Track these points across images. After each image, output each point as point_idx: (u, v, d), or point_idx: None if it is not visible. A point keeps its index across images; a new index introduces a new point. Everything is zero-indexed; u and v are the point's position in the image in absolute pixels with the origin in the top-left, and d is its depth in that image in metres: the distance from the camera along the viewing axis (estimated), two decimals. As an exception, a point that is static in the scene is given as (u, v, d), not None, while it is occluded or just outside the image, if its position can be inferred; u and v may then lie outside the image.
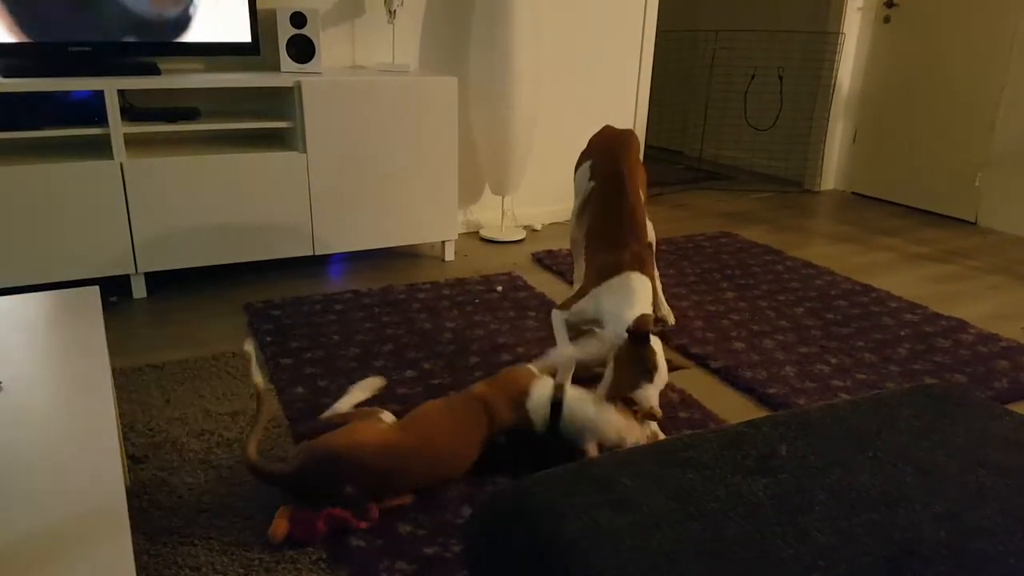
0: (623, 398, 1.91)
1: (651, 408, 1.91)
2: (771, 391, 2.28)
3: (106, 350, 1.37)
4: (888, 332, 2.72)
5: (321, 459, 1.64)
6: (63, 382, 1.27)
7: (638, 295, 2.14)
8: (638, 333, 1.98)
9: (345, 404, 1.96)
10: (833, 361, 2.49)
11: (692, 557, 0.93)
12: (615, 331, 2.07)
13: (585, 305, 2.22)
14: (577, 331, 2.27)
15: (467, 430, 1.78)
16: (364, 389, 2.03)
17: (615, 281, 2.17)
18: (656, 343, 2.01)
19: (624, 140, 2.51)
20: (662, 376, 1.98)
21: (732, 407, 2.21)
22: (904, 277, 3.33)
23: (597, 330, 2.15)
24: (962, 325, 2.79)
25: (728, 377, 2.38)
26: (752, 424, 1.26)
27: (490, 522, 1.08)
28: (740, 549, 0.95)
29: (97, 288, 1.64)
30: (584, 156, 2.59)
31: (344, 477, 1.64)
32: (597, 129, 4.00)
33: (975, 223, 4.17)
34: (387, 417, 1.80)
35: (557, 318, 2.27)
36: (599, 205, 2.37)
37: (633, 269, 2.19)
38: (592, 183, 2.44)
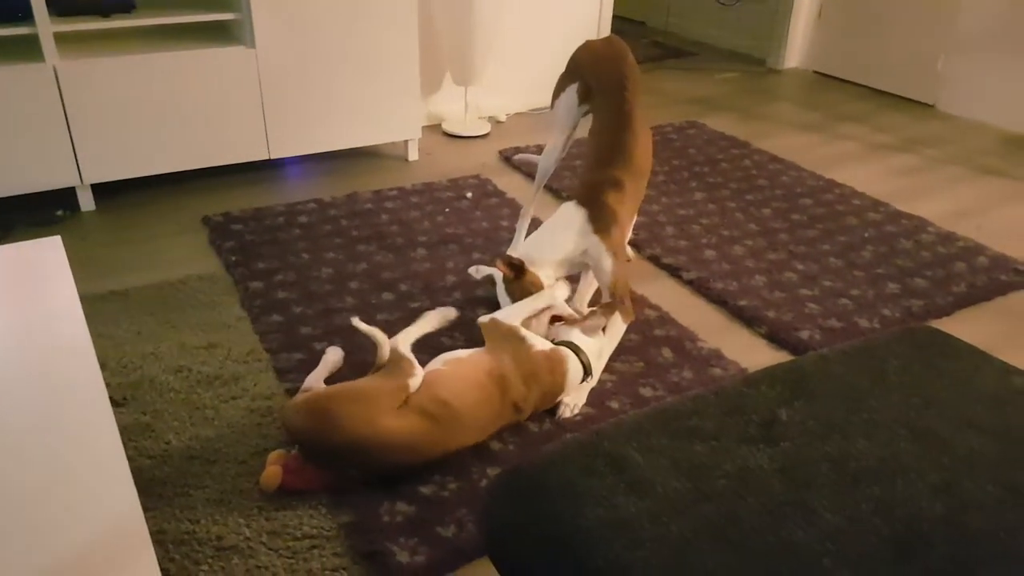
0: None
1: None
2: (742, 304, 2.33)
3: (84, 321, 1.30)
4: (852, 234, 2.77)
5: (330, 441, 1.55)
6: (46, 379, 1.21)
7: (537, 234, 2.10)
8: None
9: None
10: (800, 268, 2.54)
11: (709, 544, 0.97)
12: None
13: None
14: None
15: (493, 416, 1.71)
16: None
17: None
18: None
19: (620, 54, 2.21)
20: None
21: (707, 322, 2.25)
22: (867, 170, 3.35)
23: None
24: (922, 224, 2.86)
25: (701, 289, 2.41)
26: (751, 383, 1.28)
27: (507, 502, 1.09)
28: (754, 533, 0.99)
29: (59, 239, 1.53)
30: (567, 77, 2.31)
31: (352, 464, 1.60)
32: (565, 8, 3.79)
33: (934, 107, 4.19)
34: (415, 381, 1.66)
35: None
36: (597, 126, 2.18)
37: (575, 197, 2.08)
38: (586, 107, 2.25)
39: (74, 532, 0.92)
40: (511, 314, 1.90)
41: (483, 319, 1.88)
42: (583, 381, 1.86)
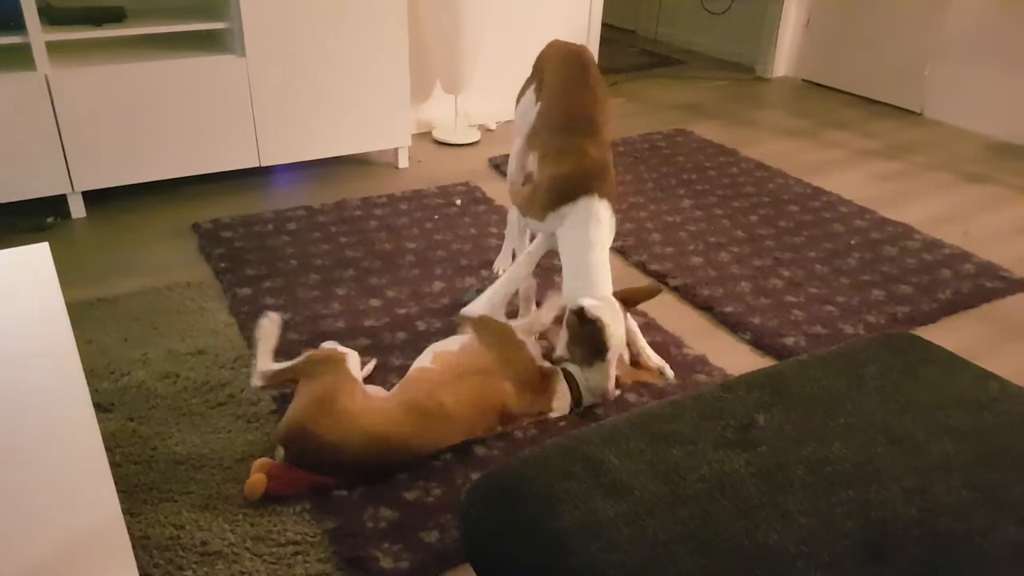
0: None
1: (603, 393, 1.87)
2: (727, 310, 2.34)
3: (69, 327, 1.31)
4: (839, 240, 2.79)
5: (314, 447, 1.59)
6: (31, 385, 1.22)
7: (597, 253, 1.91)
8: (585, 319, 1.84)
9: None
10: (786, 274, 2.55)
11: (684, 546, 0.98)
12: (570, 288, 1.93)
13: (540, 225, 2.03)
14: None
15: (474, 417, 1.73)
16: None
17: (574, 213, 1.93)
18: (612, 309, 1.87)
19: (583, 59, 2.12)
20: (616, 347, 1.86)
21: (692, 328, 2.27)
22: (854, 176, 3.38)
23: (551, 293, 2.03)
24: (908, 231, 2.88)
25: (686, 295, 2.43)
26: (728, 389, 1.29)
27: (486, 506, 1.10)
28: (728, 535, 1.00)
29: (46, 246, 1.54)
30: (529, 80, 2.27)
31: (339, 465, 1.61)
32: (554, 16, 3.82)
33: (920, 114, 4.22)
34: (351, 360, 1.74)
35: (514, 225, 2.24)
36: (554, 93, 2.09)
37: (593, 189, 1.93)
38: (541, 102, 2.16)
39: (53, 536, 0.92)
40: (490, 302, 1.94)
41: (468, 312, 1.93)
42: (572, 411, 1.88)
